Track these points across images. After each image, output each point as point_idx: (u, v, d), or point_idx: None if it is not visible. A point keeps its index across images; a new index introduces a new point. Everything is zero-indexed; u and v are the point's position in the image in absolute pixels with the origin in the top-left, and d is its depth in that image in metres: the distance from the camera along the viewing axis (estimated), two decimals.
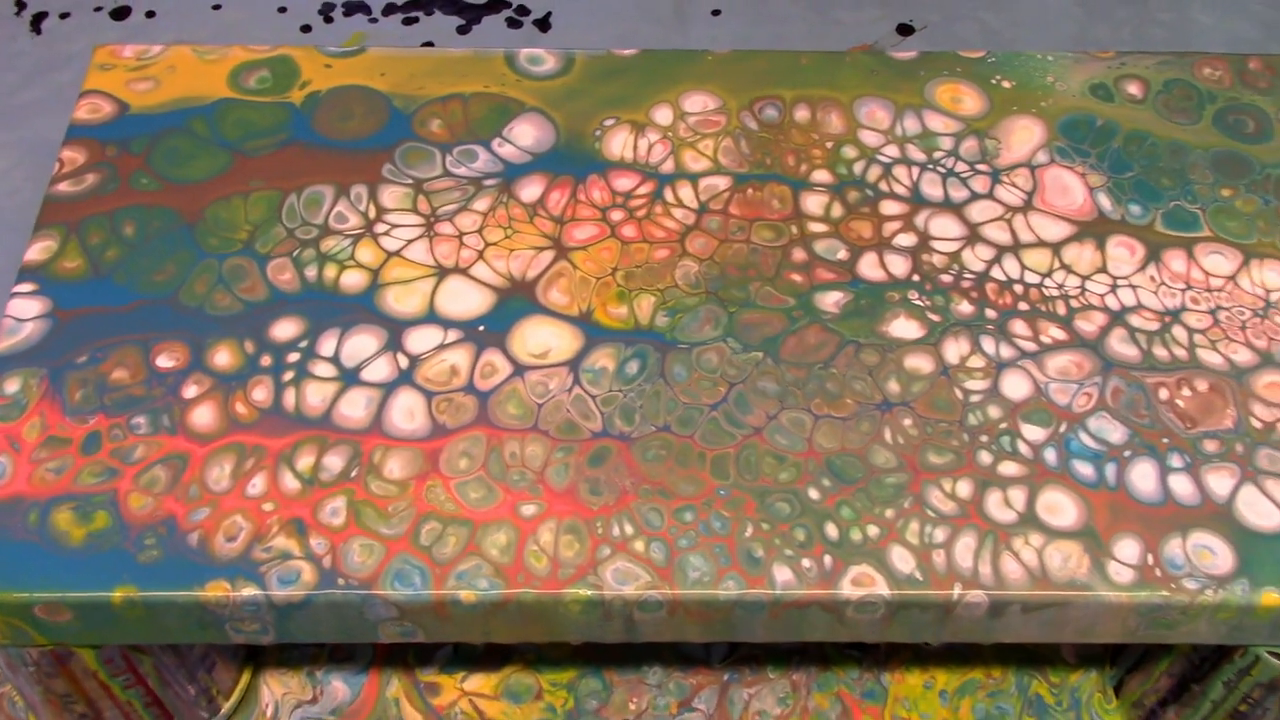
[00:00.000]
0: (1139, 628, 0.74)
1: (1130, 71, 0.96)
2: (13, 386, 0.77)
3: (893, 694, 0.92)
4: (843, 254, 0.85)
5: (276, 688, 0.91)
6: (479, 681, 0.92)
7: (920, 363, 0.80)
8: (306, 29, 1.30)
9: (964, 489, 0.75)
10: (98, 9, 1.33)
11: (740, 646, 0.94)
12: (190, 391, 0.77)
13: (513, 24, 1.33)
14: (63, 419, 0.76)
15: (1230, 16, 1.34)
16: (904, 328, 0.82)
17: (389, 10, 1.35)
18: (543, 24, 1.33)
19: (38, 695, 0.80)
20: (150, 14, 1.33)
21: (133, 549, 0.71)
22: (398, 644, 0.92)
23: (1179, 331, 0.82)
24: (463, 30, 1.19)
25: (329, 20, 1.33)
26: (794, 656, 0.93)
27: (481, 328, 0.81)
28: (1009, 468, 0.76)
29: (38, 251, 0.84)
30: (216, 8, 1.34)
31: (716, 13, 1.35)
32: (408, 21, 1.33)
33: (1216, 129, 0.93)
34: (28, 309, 0.81)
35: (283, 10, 1.34)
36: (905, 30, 1.15)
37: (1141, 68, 0.96)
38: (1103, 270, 0.85)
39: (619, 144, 0.90)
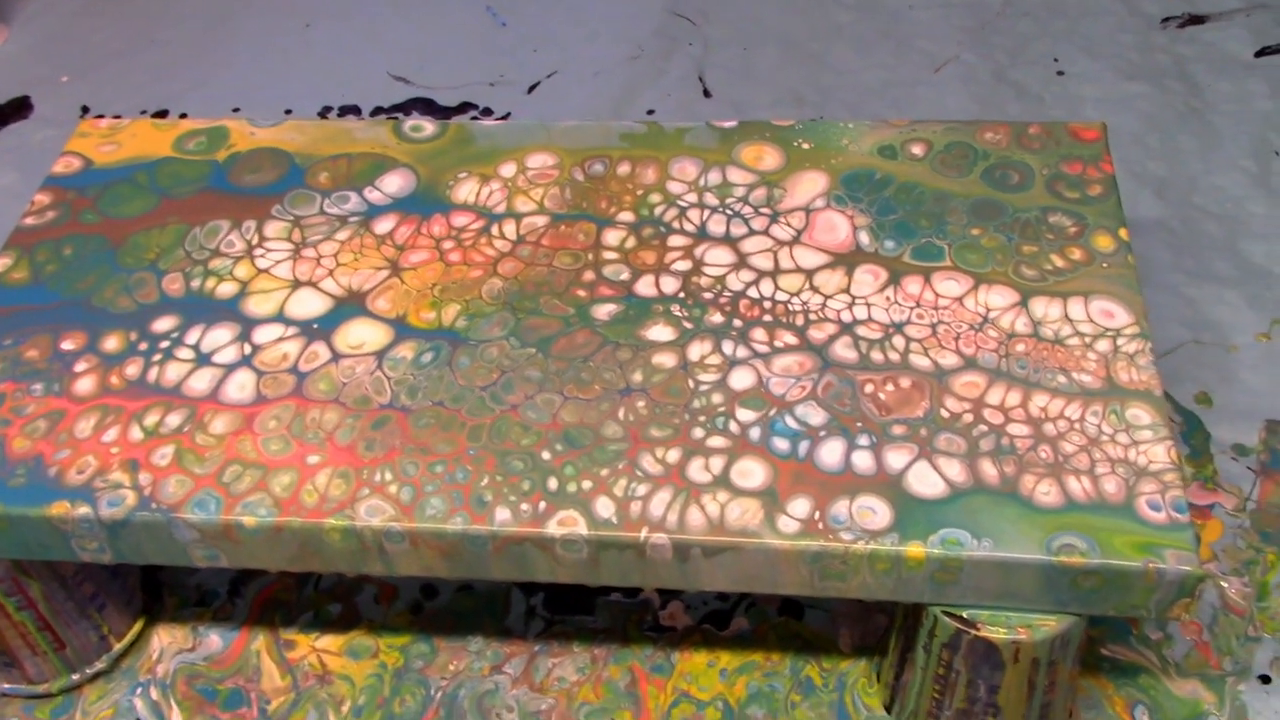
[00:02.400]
0: (813, 577, 0.85)
1: (919, 136, 1.10)
2: None
3: (679, 669, 1.03)
4: (625, 275, 1.01)
5: (164, 637, 1.08)
6: (328, 641, 1.07)
7: (665, 359, 0.94)
8: None
9: (673, 456, 0.88)
10: (143, 112, 1.61)
11: (554, 624, 1.07)
12: (80, 367, 0.98)
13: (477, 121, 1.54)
14: None
15: (1115, 112, 1.45)
16: (660, 332, 0.96)
17: (375, 112, 1.59)
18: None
19: None
20: (183, 115, 1.61)
21: (6, 477, 0.91)
22: (268, 609, 1.09)
23: (898, 340, 0.94)
24: (430, 121, 1.40)
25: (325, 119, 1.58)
26: (599, 635, 1.06)
27: (316, 326, 0.99)
28: (717, 441, 0.89)
29: None
30: (236, 110, 1.61)
31: (650, 112, 1.54)
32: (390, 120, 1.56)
33: (983, 181, 1.06)
34: None
35: (289, 112, 1.60)
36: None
37: (929, 133, 1.10)
38: (845, 291, 0.98)
39: (465, 191, 1.09)
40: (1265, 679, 0.99)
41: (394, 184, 1.10)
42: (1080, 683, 0.99)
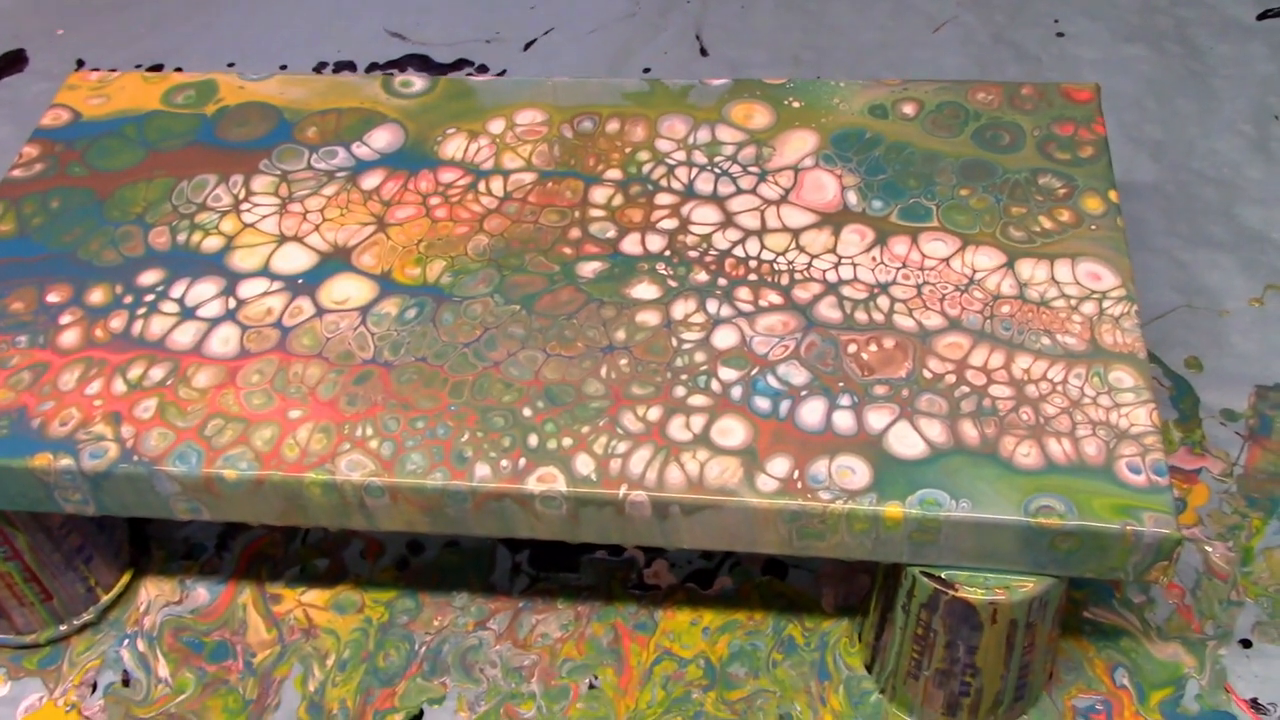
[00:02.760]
0: (792, 536, 0.85)
1: (910, 95, 1.09)
2: None
3: (662, 628, 1.03)
4: (611, 233, 1.00)
5: (152, 589, 1.09)
6: (314, 595, 1.07)
7: (649, 317, 0.94)
8: None
9: (654, 414, 0.88)
10: (138, 65, 1.61)
11: (539, 581, 1.07)
12: (65, 320, 0.98)
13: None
14: None
15: (1113, 74, 1.44)
16: (644, 290, 0.96)
17: (371, 68, 1.58)
18: None
19: None
20: (178, 69, 1.60)
21: None
22: (255, 563, 1.10)
23: (883, 300, 0.94)
24: (420, 77, 1.40)
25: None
26: (583, 592, 1.06)
27: (301, 281, 0.99)
28: (698, 400, 0.89)
29: None
30: (231, 65, 1.60)
31: (647, 70, 1.53)
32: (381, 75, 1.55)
33: (973, 142, 1.05)
34: None
35: (284, 67, 1.59)
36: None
37: (921, 92, 1.09)
38: (832, 251, 0.98)
39: (453, 147, 1.09)
40: (1246, 643, 0.99)
41: (382, 139, 1.10)
42: (1061, 645, 0.99)
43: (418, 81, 1.15)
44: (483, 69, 1.56)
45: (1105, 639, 0.99)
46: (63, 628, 1.05)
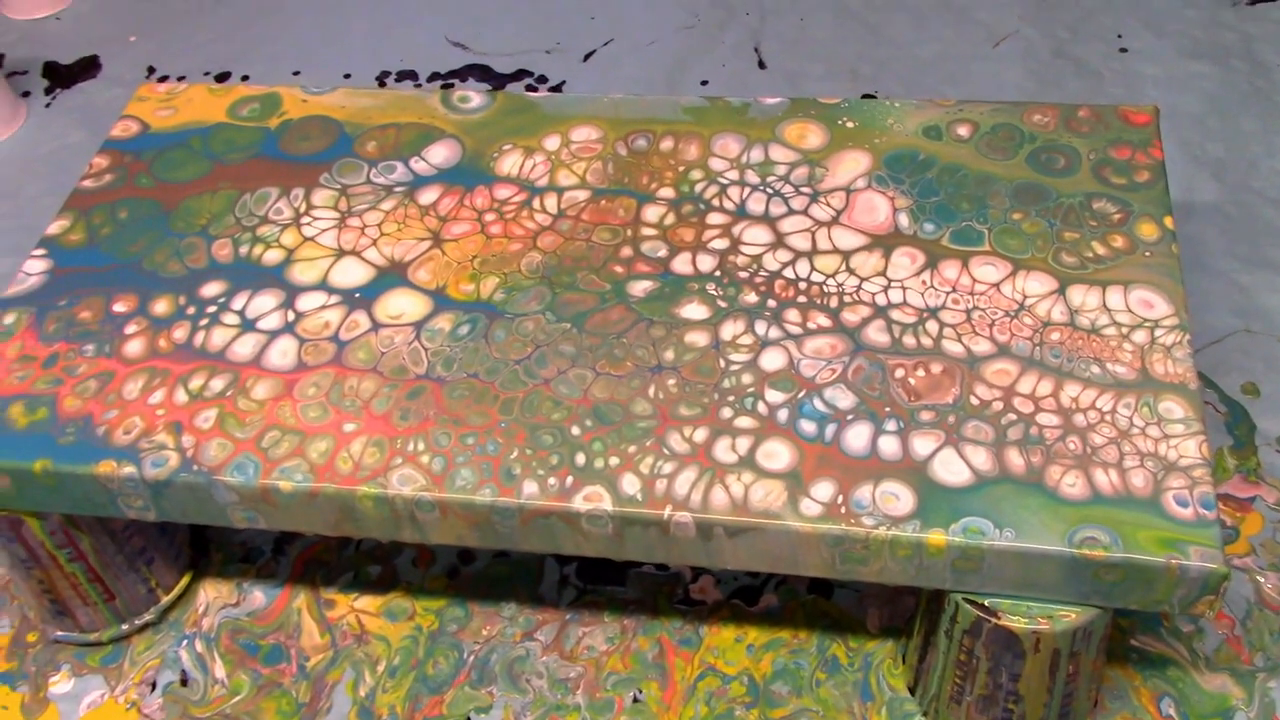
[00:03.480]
0: (835, 560, 0.86)
1: (964, 116, 1.09)
2: (9, 319, 1.02)
3: (706, 643, 1.04)
4: (663, 253, 1.01)
5: (210, 591, 1.12)
6: (367, 602, 1.10)
7: (698, 338, 0.95)
8: None
9: (700, 435, 0.89)
10: (207, 73, 1.64)
11: (586, 593, 1.09)
12: (130, 330, 1.00)
13: (531, 90, 1.55)
14: (36, 343, 1.00)
15: (1176, 91, 1.42)
16: (694, 311, 0.97)
17: (433, 77, 1.60)
18: (556, 90, 1.54)
19: (6, 561, 1.03)
20: (245, 77, 1.63)
21: (56, 435, 0.94)
22: (310, 568, 1.12)
23: (932, 325, 0.94)
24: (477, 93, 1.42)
25: (382, 85, 1.59)
26: (629, 606, 1.07)
27: (358, 295, 1.01)
28: (744, 422, 0.90)
29: (55, 228, 1.10)
30: (296, 73, 1.63)
31: (704, 83, 1.53)
32: (445, 87, 1.58)
33: (1028, 165, 1.04)
34: (35, 267, 1.06)
35: (348, 76, 1.62)
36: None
37: (976, 113, 1.09)
38: (882, 274, 0.98)
39: (509, 163, 1.10)
40: None
41: (440, 155, 1.12)
42: (1107, 672, 0.98)
43: (476, 97, 1.17)
44: (542, 79, 1.58)
45: (1152, 668, 0.99)
46: (124, 627, 1.08)
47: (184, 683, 1.05)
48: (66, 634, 1.08)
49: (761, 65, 1.56)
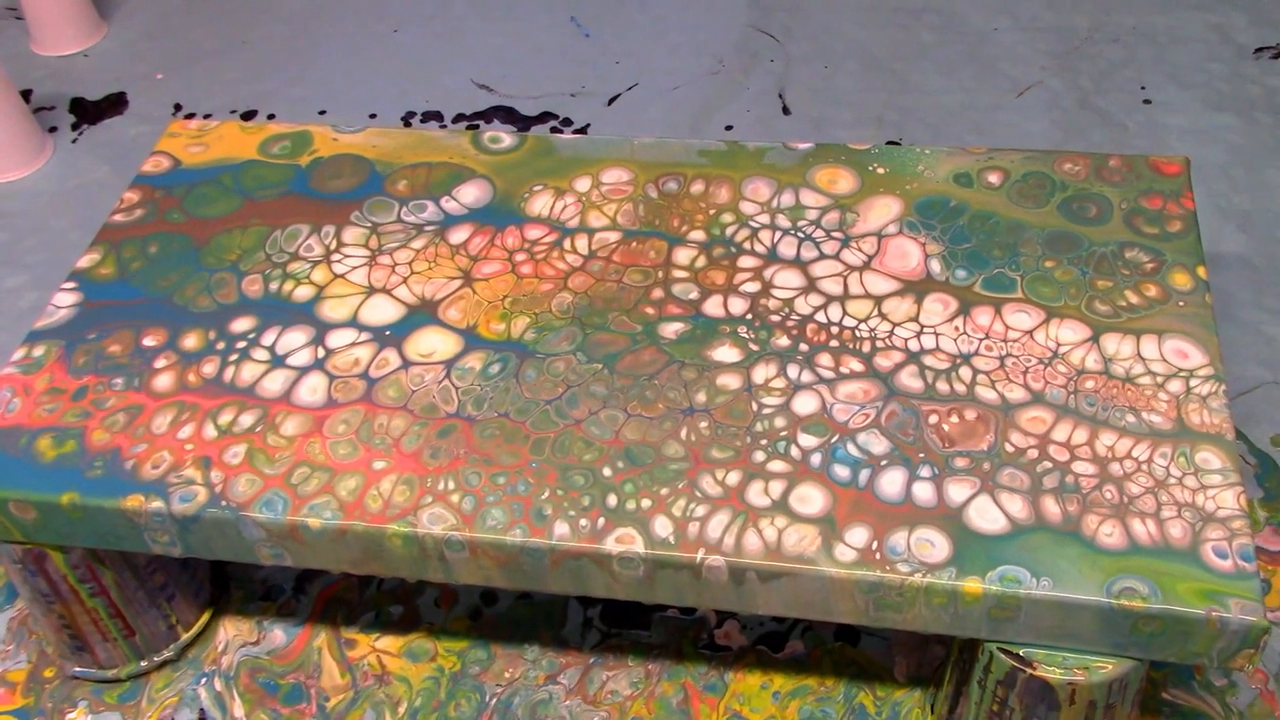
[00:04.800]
0: (869, 607, 0.85)
1: (995, 164, 1.09)
2: (39, 351, 1.02)
3: (732, 690, 1.03)
4: (694, 295, 1.01)
5: (230, 629, 1.11)
6: (388, 642, 1.09)
7: (730, 380, 0.95)
8: None
9: (733, 478, 0.89)
10: (233, 111, 1.65)
11: (610, 637, 1.07)
12: (160, 364, 1.00)
13: (555, 132, 1.56)
14: (65, 375, 1.00)
15: (1201, 143, 1.43)
16: (726, 353, 0.97)
17: (458, 119, 1.61)
18: (580, 133, 1.55)
19: (27, 594, 1.02)
20: (271, 116, 1.64)
21: (84, 468, 0.93)
22: (331, 607, 1.12)
23: (965, 371, 0.94)
24: (508, 134, 1.43)
25: (408, 125, 1.60)
26: (654, 650, 1.06)
27: (388, 333, 1.01)
28: (777, 466, 0.89)
29: (85, 261, 1.10)
30: (322, 113, 1.64)
31: (729, 128, 1.54)
32: (470, 127, 1.58)
33: (1060, 213, 1.04)
34: (65, 300, 1.06)
35: (373, 116, 1.62)
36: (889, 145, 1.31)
37: (1007, 161, 1.09)
38: (914, 320, 0.98)
39: (540, 204, 1.10)
40: None
41: (471, 194, 1.12)
42: None
43: (506, 138, 1.17)
44: (567, 122, 1.59)
45: None
46: (144, 664, 1.07)
47: None
48: (85, 670, 1.07)
49: (786, 111, 1.56)
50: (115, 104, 1.70)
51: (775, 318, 0.99)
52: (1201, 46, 1.57)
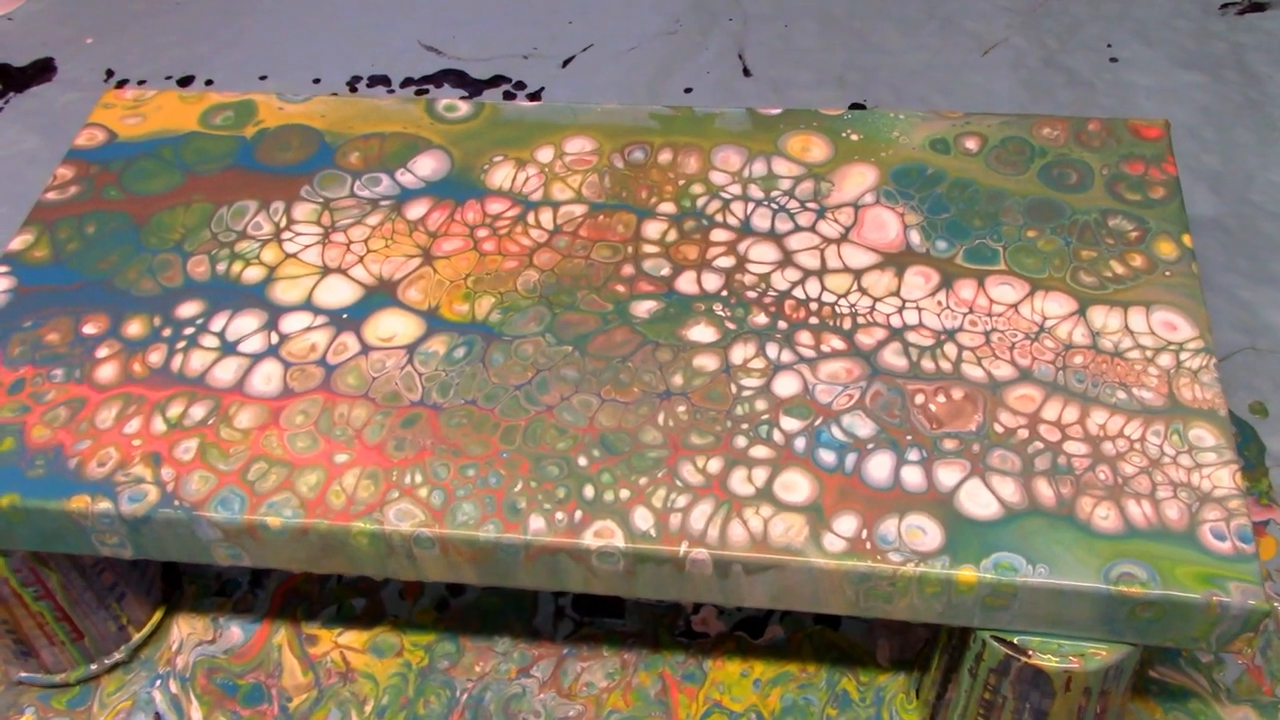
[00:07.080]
0: (859, 598, 0.82)
1: (972, 129, 1.06)
2: None
3: (711, 678, 1.00)
4: (666, 271, 0.97)
5: (184, 628, 1.06)
6: (351, 637, 1.04)
7: (707, 361, 0.91)
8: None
9: (714, 466, 0.85)
10: (169, 77, 1.57)
11: (583, 626, 1.04)
12: (102, 353, 0.94)
13: (508, 96, 1.50)
14: (0, 368, 0.94)
15: (1169, 102, 1.40)
16: (701, 333, 0.93)
17: (406, 83, 1.55)
18: (534, 97, 1.50)
19: None
20: (209, 82, 1.57)
21: (25, 467, 0.88)
22: (291, 601, 1.07)
23: (950, 348, 0.91)
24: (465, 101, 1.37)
25: (354, 90, 1.53)
26: (629, 639, 1.03)
27: (345, 315, 0.96)
28: (760, 451, 0.85)
29: (17, 243, 1.03)
30: (263, 78, 1.57)
31: (688, 90, 1.49)
32: (419, 92, 1.52)
33: (1040, 180, 1.01)
34: None
35: (317, 81, 1.56)
36: (857, 109, 1.27)
37: (984, 126, 1.06)
38: (895, 294, 0.94)
39: (501, 176, 1.05)
40: None
41: (427, 166, 1.07)
42: (1128, 705, 0.95)
43: (462, 106, 1.12)
44: (520, 86, 1.53)
45: (1173, 700, 0.96)
46: (93, 667, 1.02)
47: None
48: (31, 675, 1.02)
49: (746, 73, 1.52)
50: (43, 70, 1.62)
51: (752, 294, 0.95)
52: (1167, 3, 1.54)
